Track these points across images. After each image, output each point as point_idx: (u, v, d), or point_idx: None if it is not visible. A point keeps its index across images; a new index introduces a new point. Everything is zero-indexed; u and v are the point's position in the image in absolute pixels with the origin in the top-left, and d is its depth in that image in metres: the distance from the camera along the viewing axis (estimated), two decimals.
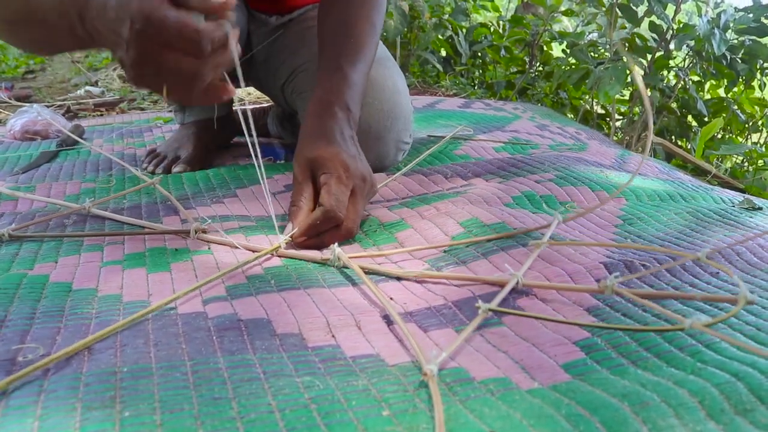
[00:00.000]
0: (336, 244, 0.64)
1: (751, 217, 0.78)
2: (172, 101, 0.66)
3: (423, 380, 0.42)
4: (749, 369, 0.42)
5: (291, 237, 0.67)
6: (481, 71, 2.42)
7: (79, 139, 1.26)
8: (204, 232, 0.70)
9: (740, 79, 1.79)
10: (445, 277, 0.60)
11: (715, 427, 0.37)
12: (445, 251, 0.67)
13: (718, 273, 0.59)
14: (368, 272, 0.61)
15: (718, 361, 0.43)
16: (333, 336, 0.49)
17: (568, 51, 2.00)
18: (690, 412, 0.38)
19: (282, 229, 0.69)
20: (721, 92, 1.97)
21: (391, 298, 0.56)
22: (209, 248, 0.68)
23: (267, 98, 1.82)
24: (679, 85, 1.80)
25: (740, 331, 0.47)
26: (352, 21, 0.84)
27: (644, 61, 1.78)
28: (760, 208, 0.81)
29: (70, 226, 0.76)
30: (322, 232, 0.68)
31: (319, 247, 0.68)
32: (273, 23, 1.09)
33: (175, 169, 1.02)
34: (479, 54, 2.36)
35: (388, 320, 0.52)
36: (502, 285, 0.56)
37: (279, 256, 0.66)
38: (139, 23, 0.51)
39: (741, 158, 1.83)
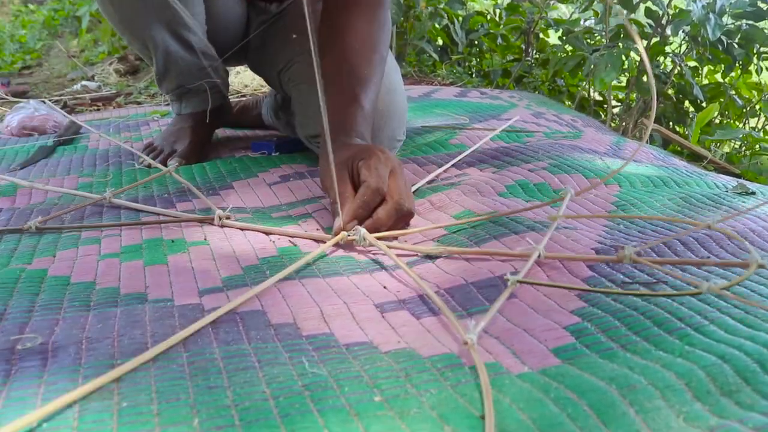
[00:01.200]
0: (360, 226, 0.63)
1: (744, 202, 0.78)
2: None
3: (463, 347, 0.43)
4: (736, 351, 0.42)
5: (342, 225, 0.65)
6: (477, 60, 2.42)
7: (84, 125, 1.27)
8: (227, 218, 0.70)
9: (737, 64, 1.79)
10: (467, 252, 0.61)
11: (701, 408, 0.37)
12: (439, 241, 0.67)
13: (709, 258, 0.60)
14: (392, 253, 0.61)
15: (706, 344, 0.44)
16: (327, 324, 0.50)
17: (564, 38, 2.00)
18: (677, 394, 0.39)
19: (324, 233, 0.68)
20: (718, 77, 1.96)
21: (385, 287, 0.56)
22: (205, 239, 0.69)
23: (262, 92, 1.81)
24: (676, 71, 1.79)
25: (756, 292, 0.49)
26: (364, 53, 0.84)
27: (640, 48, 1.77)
28: (753, 193, 0.82)
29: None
30: (372, 211, 0.66)
31: (378, 229, 0.66)
32: (273, 11, 1.10)
33: (172, 162, 1.03)
34: (476, 42, 2.35)
35: (382, 309, 0.52)
36: (526, 257, 0.57)
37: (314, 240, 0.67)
38: None
39: (738, 143, 1.83)
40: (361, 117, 0.78)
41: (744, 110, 1.91)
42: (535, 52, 2.25)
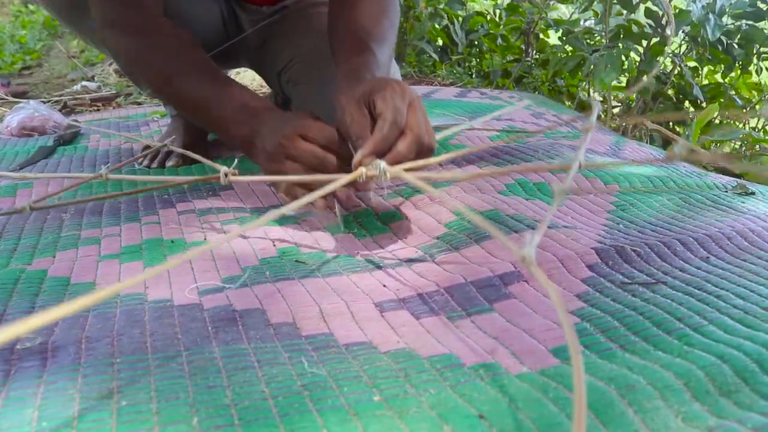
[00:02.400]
0: (379, 161, 0.58)
1: (743, 202, 0.78)
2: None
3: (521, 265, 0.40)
4: (735, 351, 0.42)
5: (361, 162, 0.60)
6: (477, 60, 2.42)
7: (84, 125, 1.27)
8: (234, 174, 0.66)
9: (737, 64, 1.79)
10: (496, 172, 0.68)
11: (700, 408, 0.37)
12: (438, 238, 0.67)
13: (708, 257, 0.60)
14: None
15: (705, 344, 0.44)
16: (326, 324, 0.50)
17: (564, 38, 2.00)
18: (675, 394, 0.39)
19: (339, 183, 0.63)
20: (718, 78, 1.96)
21: (384, 286, 0.56)
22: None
23: (262, 93, 1.81)
24: (675, 71, 1.79)
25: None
26: (375, 17, 0.84)
27: (640, 48, 1.77)
28: (753, 193, 0.82)
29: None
30: (392, 145, 0.63)
31: (398, 164, 0.60)
32: (265, 12, 1.09)
33: (169, 163, 1.03)
34: (475, 43, 2.35)
35: (381, 308, 0.52)
36: (567, 168, 0.54)
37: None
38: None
39: (738, 143, 1.83)
40: (374, 64, 0.75)
41: (744, 110, 1.91)
42: (534, 52, 2.25)
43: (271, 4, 1.09)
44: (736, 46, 1.74)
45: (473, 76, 2.32)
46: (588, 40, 1.88)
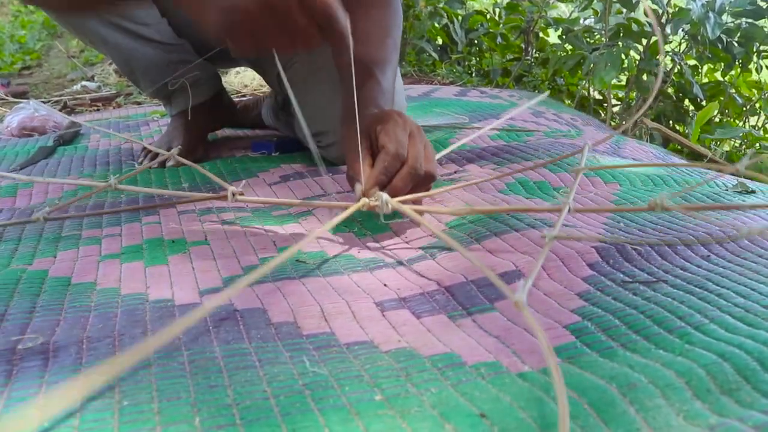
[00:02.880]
0: (381, 193, 0.62)
1: (743, 200, 0.78)
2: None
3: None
4: (736, 349, 0.42)
5: (363, 192, 0.64)
6: (477, 59, 2.42)
7: (87, 124, 1.27)
8: (241, 194, 0.68)
9: (737, 63, 1.79)
10: (496, 210, 0.67)
11: (701, 407, 0.37)
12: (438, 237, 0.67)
13: (709, 256, 0.60)
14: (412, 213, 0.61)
15: (706, 343, 0.44)
16: (327, 323, 0.50)
17: (563, 37, 2.00)
18: (677, 393, 0.39)
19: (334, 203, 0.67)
20: (718, 76, 1.96)
21: (385, 285, 0.57)
22: (206, 239, 0.69)
23: (262, 92, 1.81)
24: (675, 70, 1.79)
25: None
26: (378, 39, 0.84)
27: (640, 47, 1.77)
28: (753, 192, 0.82)
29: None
30: (392, 177, 0.65)
31: (396, 196, 0.64)
32: None
33: (170, 163, 1.03)
34: (475, 42, 2.35)
35: (382, 307, 0.52)
36: (557, 211, 0.60)
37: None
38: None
39: (738, 142, 1.83)
40: (378, 92, 0.77)
41: (744, 108, 1.91)
42: (534, 51, 2.25)
43: None
44: (736, 45, 1.74)
45: (473, 74, 2.32)
46: (588, 39, 1.88)
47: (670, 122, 1.88)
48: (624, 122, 1.77)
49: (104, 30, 0.96)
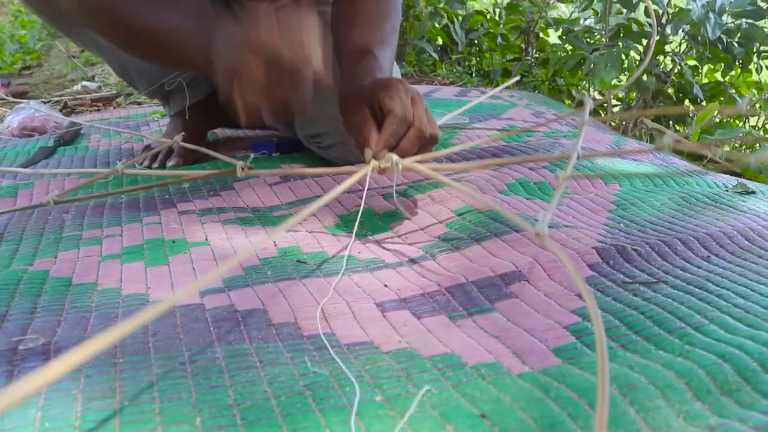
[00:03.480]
0: (391, 154, 0.62)
1: (743, 201, 0.78)
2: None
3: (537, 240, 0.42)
4: (736, 350, 0.42)
5: (374, 156, 0.64)
6: (477, 59, 2.42)
7: (88, 124, 1.27)
8: (250, 168, 0.67)
9: (737, 63, 1.79)
10: (503, 162, 0.67)
11: (701, 407, 0.38)
12: (439, 237, 0.68)
13: (709, 257, 0.60)
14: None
15: (706, 343, 0.44)
16: (328, 324, 0.50)
17: (564, 37, 2.00)
18: (677, 393, 0.39)
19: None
20: (718, 76, 1.96)
21: (386, 285, 0.57)
22: (206, 239, 0.69)
23: None
24: (675, 70, 1.79)
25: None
26: (376, 21, 0.84)
27: (640, 47, 1.77)
28: (753, 192, 0.82)
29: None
30: (399, 140, 0.66)
31: (405, 157, 0.64)
32: (265, 9, 1.09)
33: (170, 163, 1.03)
34: (475, 42, 2.35)
35: (382, 308, 0.52)
36: (566, 158, 0.57)
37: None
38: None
39: (738, 142, 1.83)
40: (376, 67, 0.77)
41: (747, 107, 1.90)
42: (535, 51, 2.25)
43: (270, 1, 1.09)
44: (736, 45, 1.74)
45: (473, 75, 2.32)
46: (588, 39, 1.88)
47: (670, 122, 1.87)
48: (623, 122, 1.78)
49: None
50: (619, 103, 2.01)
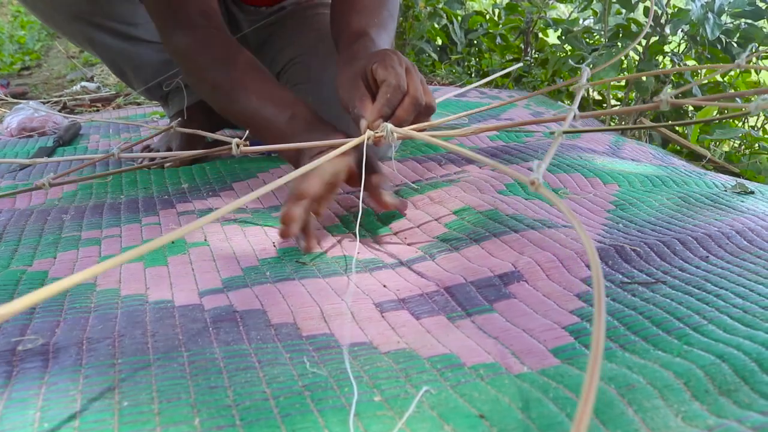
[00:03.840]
0: (386, 123, 0.63)
1: (742, 201, 0.78)
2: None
3: (531, 189, 0.42)
4: (734, 351, 0.42)
5: (369, 126, 0.64)
6: (476, 59, 2.42)
7: (87, 123, 1.27)
8: (246, 145, 0.67)
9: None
10: (503, 127, 0.65)
11: (699, 408, 0.38)
12: (437, 237, 0.68)
13: (707, 257, 0.60)
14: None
15: (705, 344, 0.44)
16: (327, 324, 0.50)
17: (563, 38, 2.00)
18: (675, 394, 0.39)
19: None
20: (717, 76, 1.96)
21: (384, 286, 0.57)
22: (205, 239, 0.69)
23: None
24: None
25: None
26: (374, 8, 0.85)
27: (639, 47, 1.77)
28: (752, 192, 0.82)
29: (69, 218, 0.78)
30: (395, 109, 0.66)
31: (400, 126, 0.65)
32: (264, 12, 1.09)
33: (168, 163, 1.03)
34: (475, 42, 2.35)
35: (381, 308, 0.53)
36: (562, 119, 0.58)
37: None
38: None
39: (737, 142, 1.83)
40: (372, 48, 0.77)
41: (743, 109, 1.90)
42: (534, 51, 2.25)
43: (269, 4, 1.09)
44: (735, 45, 1.74)
45: (472, 75, 2.32)
46: (587, 40, 1.88)
47: (669, 122, 1.88)
48: (622, 122, 1.78)
49: (90, 31, 0.95)
50: (618, 103, 2.01)
